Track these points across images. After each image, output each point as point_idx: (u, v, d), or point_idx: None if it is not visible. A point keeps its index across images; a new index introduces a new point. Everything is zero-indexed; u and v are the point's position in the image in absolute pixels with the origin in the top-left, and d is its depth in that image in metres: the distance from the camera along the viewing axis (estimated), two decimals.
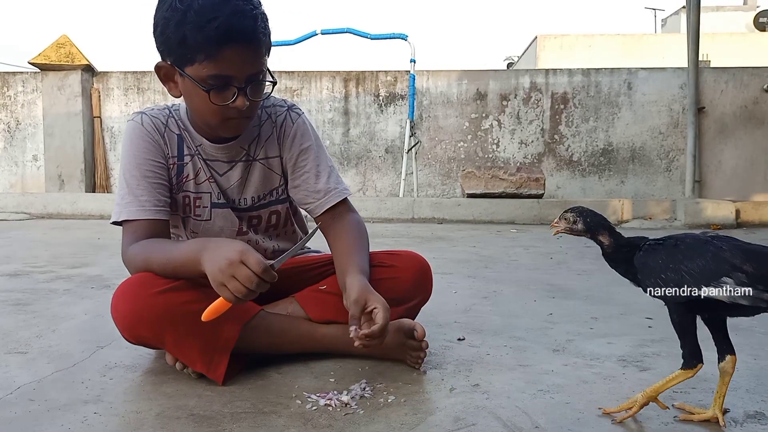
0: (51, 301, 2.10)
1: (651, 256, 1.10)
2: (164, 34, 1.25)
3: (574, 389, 1.29)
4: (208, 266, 1.16)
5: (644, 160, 6.95)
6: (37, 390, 1.23)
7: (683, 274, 1.05)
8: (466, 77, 7.09)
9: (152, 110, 1.43)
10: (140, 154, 1.37)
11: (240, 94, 1.26)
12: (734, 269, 1.02)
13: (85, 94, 7.17)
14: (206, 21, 1.18)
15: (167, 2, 1.23)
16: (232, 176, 1.46)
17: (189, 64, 1.24)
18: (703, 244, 1.07)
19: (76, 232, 4.61)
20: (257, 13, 1.24)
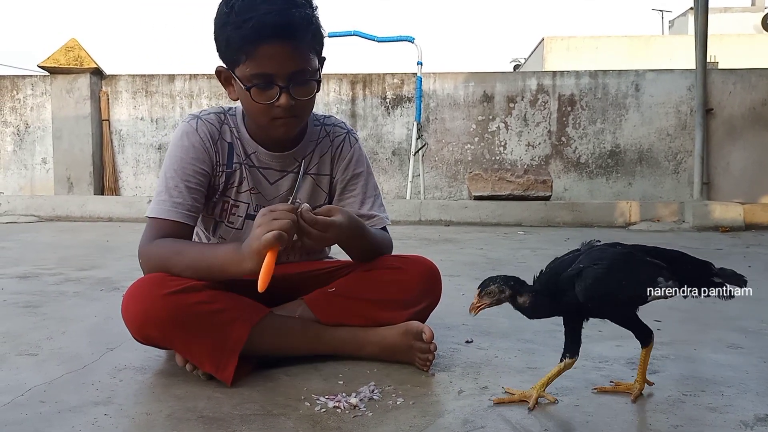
0: (61, 303, 2.11)
1: (601, 283, 1.16)
2: (216, 38, 1.30)
3: (583, 392, 1.29)
4: (247, 242, 1.20)
5: (652, 162, 6.93)
6: (47, 392, 1.24)
7: (635, 286, 1.18)
8: (473, 79, 7.09)
9: (208, 115, 1.44)
10: (186, 158, 1.39)
11: (283, 93, 1.28)
12: (660, 268, 1.18)
13: (94, 97, 7.21)
14: (243, 20, 1.22)
15: (219, 8, 1.28)
16: (282, 186, 1.48)
17: (236, 66, 1.28)
18: (630, 255, 1.20)
19: (85, 234, 4.63)
20: (296, 10, 1.26)
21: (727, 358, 1.53)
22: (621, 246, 1.24)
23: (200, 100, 7.36)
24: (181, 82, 7.38)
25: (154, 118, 7.38)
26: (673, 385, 1.34)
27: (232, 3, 1.25)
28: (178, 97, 7.38)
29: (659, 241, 4.30)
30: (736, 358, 1.53)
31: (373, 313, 1.45)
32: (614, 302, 1.20)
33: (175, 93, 7.38)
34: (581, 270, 1.17)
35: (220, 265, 1.27)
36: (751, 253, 3.67)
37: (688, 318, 1.98)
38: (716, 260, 4.01)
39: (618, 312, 1.24)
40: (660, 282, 1.18)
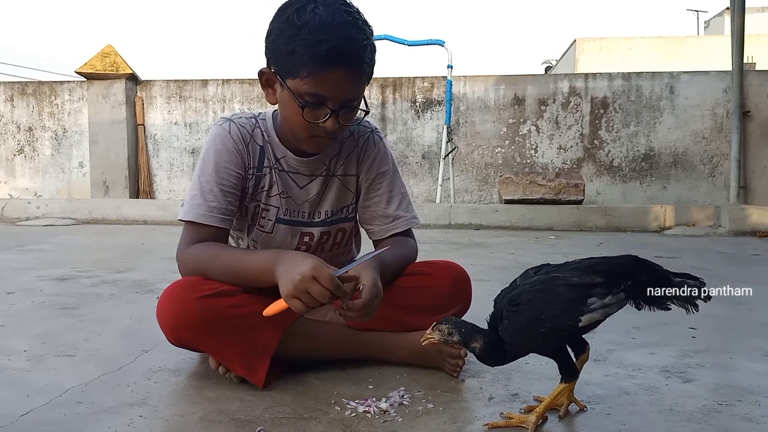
0: (97, 305, 2.16)
1: (517, 321, 1.10)
2: (275, 43, 1.29)
3: (615, 400, 1.27)
4: (282, 279, 1.19)
5: (687, 166, 6.79)
6: (84, 393, 1.27)
7: (557, 317, 1.07)
8: (503, 82, 7.04)
9: (240, 118, 1.46)
10: (220, 162, 1.40)
11: (332, 116, 1.29)
12: (591, 288, 1.07)
13: (129, 102, 7.36)
14: (317, 41, 1.21)
15: (286, 14, 1.27)
16: (311, 189, 1.49)
17: (291, 77, 1.27)
18: (551, 282, 1.09)
19: (120, 237, 4.73)
20: (367, 43, 1.28)
21: (764, 367, 1.49)
22: (550, 269, 1.14)
23: (233, 105, 7.45)
24: (213, 86, 7.48)
25: (188, 122, 7.50)
26: (708, 395, 1.31)
27: (305, 19, 1.23)
28: (210, 102, 7.49)
29: (694, 246, 4.22)
30: None
31: (403, 318, 1.45)
32: (538, 338, 1.09)
33: (208, 98, 7.49)
34: (501, 312, 1.13)
35: (254, 274, 1.28)
36: None
37: (724, 325, 1.94)
38: (751, 266, 3.92)
39: (548, 346, 1.13)
40: (592, 303, 1.06)
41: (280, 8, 1.30)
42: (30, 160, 7.57)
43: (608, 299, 1.07)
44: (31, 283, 2.56)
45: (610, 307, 1.08)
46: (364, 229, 1.61)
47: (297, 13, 1.24)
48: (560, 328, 1.08)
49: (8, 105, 7.56)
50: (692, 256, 3.71)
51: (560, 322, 1.07)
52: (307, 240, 1.52)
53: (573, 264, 1.13)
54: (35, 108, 7.53)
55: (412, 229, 1.60)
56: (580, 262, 1.13)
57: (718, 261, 3.54)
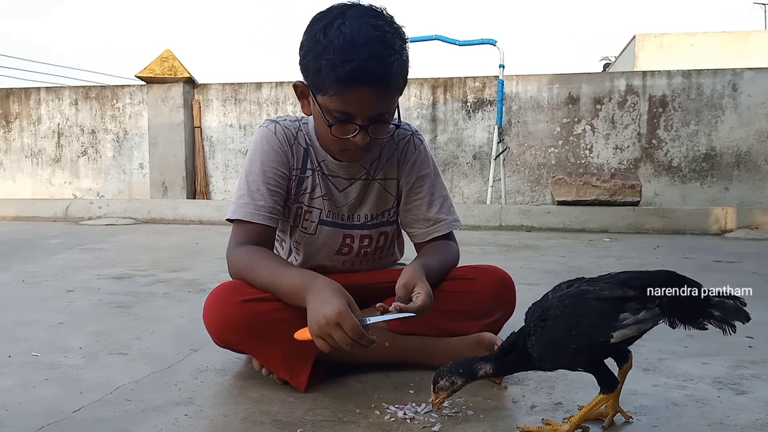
0: (151, 304, 2.24)
1: (547, 337, 1.07)
2: (305, 59, 1.29)
3: (663, 412, 1.23)
4: (310, 314, 1.20)
5: (750, 166, 6.50)
6: (134, 390, 1.32)
7: (588, 333, 1.04)
8: (557, 81, 6.91)
9: (285, 120, 1.49)
10: (267, 161, 1.43)
11: (361, 132, 1.30)
12: (623, 302, 1.03)
13: (187, 105, 7.58)
14: (341, 61, 1.21)
15: (314, 30, 1.27)
16: (350, 193, 1.50)
17: (320, 93, 1.28)
18: (580, 296, 1.06)
19: (177, 236, 4.87)
20: (394, 58, 1.25)
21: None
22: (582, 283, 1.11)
23: (285, 107, 7.58)
24: (267, 89, 7.63)
25: (242, 124, 7.66)
26: (762, 408, 1.25)
27: (331, 37, 1.22)
28: (264, 104, 7.63)
29: (756, 250, 4.04)
30: None
31: (445, 323, 1.45)
32: (569, 355, 1.07)
33: (262, 100, 7.63)
34: (529, 327, 1.11)
35: (285, 295, 1.30)
36: None
37: None
38: None
39: (580, 362, 1.10)
40: (625, 319, 1.02)
41: (311, 21, 1.30)
42: (93, 161, 7.90)
43: (642, 314, 1.03)
44: (90, 282, 2.67)
45: (644, 323, 1.04)
46: (405, 233, 1.61)
47: (324, 31, 1.24)
48: (591, 345, 1.05)
49: (73, 108, 7.90)
50: (753, 260, 3.55)
51: (591, 338, 1.04)
52: (349, 242, 1.53)
53: (606, 278, 1.09)
54: (98, 111, 7.85)
55: (453, 232, 1.59)
56: (614, 276, 1.09)
57: None
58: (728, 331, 1.05)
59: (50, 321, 1.95)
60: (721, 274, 3.05)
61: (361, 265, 1.58)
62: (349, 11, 1.25)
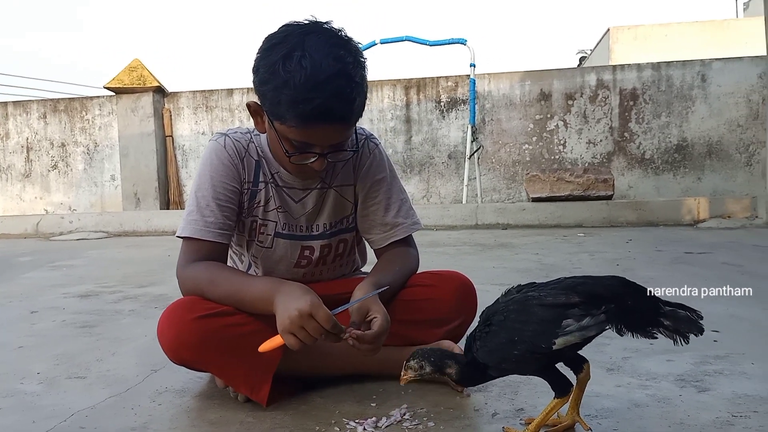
0: (116, 322, 2.20)
1: (490, 342, 1.07)
2: (261, 86, 1.25)
3: (624, 414, 1.23)
4: (280, 312, 1.19)
5: (722, 155, 6.60)
6: (89, 417, 1.28)
7: (530, 339, 1.03)
8: (528, 78, 6.94)
9: (235, 133, 1.45)
10: (216, 176, 1.40)
11: (320, 158, 1.29)
12: (567, 308, 1.01)
13: (157, 114, 7.50)
14: (303, 100, 1.17)
15: (271, 60, 1.21)
16: (307, 203, 1.48)
17: (278, 121, 1.25)
18: (525, 301, 1.05)
19: (150, 249, 4.81)
20: (356, 93, 1.23)
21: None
22: (531, 288, 1.10)
23: None
24: (239, 95, 7.57)
25: (215, 131, 7.55)
26: (723, 405, 1.25)
27: (291, 71, 1.17)
28: (236, 111, 7.58)
29: (729, 240, 4.08)
30: None
31: (408, 332, 1.43)
32: (512, 360, 1.06)
33: (234, 107, 7.58)
34: (475, 332, 1.10)
35: (251, 302, 1.28)
36: None
37: (751, 329, 1.86)
38: None
39: (525, 369, 1.09)
40: (568, 326, 1.00)
41: (267, 45, 1.24)
42: (63, 175, 7.78)
43: (586, 321, 1.01)
44: (56, 301, 2.62)
45: (588, 329, 1.01)
46: (364, 239, 1.60)
47: (283, 62, 1.19)
48: (534, 351, 1.03)
49: (41, 122, 7.78)
50: (725, 251, 3.59)
51: (533, 345, 1.03)
52: (308, 254, 1.51)
53: (554, 283, 1.08)
54: (67, 124, 7.74)
55: (413, 237, 1.57)
56: (561, 281, 1.08)
57: (752, 256, 3.42)
58: (680, 341, 1.03)
59: (11, 345, 1.90)
60: (693, 266, 3.07)
61: (321, 274, 1.56)
62: (308, 40, 1.20)
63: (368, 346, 1.23)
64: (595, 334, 1.04)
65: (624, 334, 1.04)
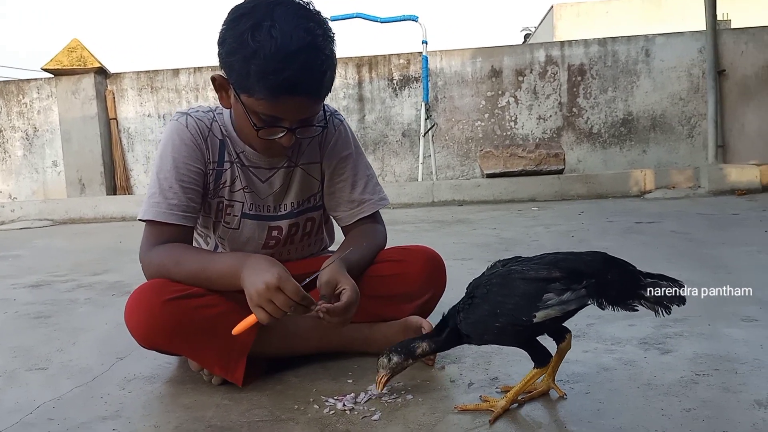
0: (72, 311, 2.12)
1: (473, 314, 1.09)
2: (228, 58, 1.21)
3: (594, 378, 1.27)
4: (248, 286, 1.17)
5: (665, 128, 6.81)
6: (56, 408, 1.24)
7: (512, 312, 1.04)
8: (479, 55, 6.99)
9: (197, 112, 1.41)
10: (179, 157, 1.35)
11: (288, 133, 1.26)
12: (548, 282, 1.03)
13: (100, 96, 7.23)
14: (273, 70, 1.15)
15: (239, 30, 1.18)
16: (274, 182, 1.45)
17: (245, 94, 1.22)
18: (507, 275, 1.07)
19: (99, 237, 4.67)
20: (327, 66, 1.21)
21: (741, 333, 1.49)
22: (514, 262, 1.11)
23: (206, 93, 7.35)
24: (185, 75, 7.37)
25: (161, 113, 7.39)
26: (686, 365, 1.31)
27: (260, 42, 1.14)
28: (183, 91, 7.38)
29: (675, 209, 4.24)
30: (751, 332, 1.49)
31: (378, 309, 1.44)
32: (494, 332, 1.08)
33: (181, 87, 7.38)
34: (458, 304, 1.12)
35: (218, 278, 1.26)
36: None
37: None
38: (730, 227, 3.92)
39: (506, 340, 1.12)
40: (548, 299, 1.02)
41: (234, 16, 1.20)
42: (2, 162, 7.45)
43: (566, 296, 1.02)
44: (5, 292, 2.52)
45: (568, 303, 1.03)
46: (331, 217, 1.58)
47: (252, 32, 1.15)
48: (515, 324, 1.05)
49: None
50: (673, 220, 3.72)
51: (515, 318, 1.05)
52: (276, 234, 1.49)
53: (537, 258, 1.10)
54: (3, 108, 7.38)
55: (380, 213, 1.56)
56: (544, 257, 1.10)
57: (698, 224, 3.56)
58: (661, 312, 1.05)
59: None
60: (643, 235, 3.18)
61: (289, 254, 1.54)
62: (277, 10, 1.17)
63: (338, 318, 1.23)
64: (576, 308, 1.06)
65: (605, 308, 1.06)
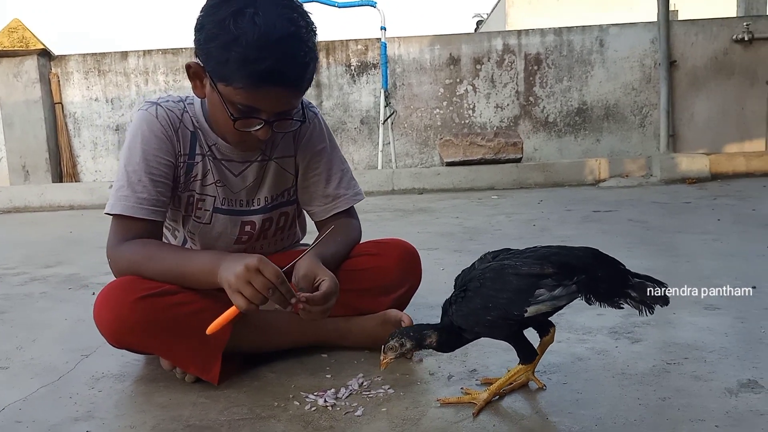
0: (28, 307, 2.04)
1: (466, 307, 1.10)
2: (207, 44, 1.17)
3: (570, 368, 1.29)
4: (224, 273, 1.14)
5: (618, 117, 6.97)
6: (23, 410, 1.19)
7: (504, 306, 1.05)
8: (438, 42, 6.99)
9: (167, 102, 1.35)
10: (149, 149, 1.30)
11: (265, 126, 1.22)
12: (540, 278, 1.04)
13: (44, 80, 6.94)
14: (255, 58, 1.11)
15: (220, 16, 1.14)
16: (247, 176, 1.41)
17: (223, 83, 1.17)
18: (501, 270, 1.08)
19: (47, 226, 4.50)
20: (309, 58, 1.18)
21: (705, 321, 1.54)
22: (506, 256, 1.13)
23: (156, 77, 7.13)
24: (134, 59, 7.13)
25: (109, 98, 7.14)
26: (657, 354, 1.34)
27: (243, 28, 1.11)
28: (132, 75, 7.14)
29: (630, 197, 4.35)
30: (715, 320, 1.54)
31: (355, 302, 1.42)
32: (485, 325, 1.09)
33: (130, 71, 7.14)
34: (452, 296, 1.13)
35: (193, 276, 1.22)
36: (719, 205, 3.73)
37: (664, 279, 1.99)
38: (684, 214, 4.04)
39: (497, 334, 1.13)
40: (540, 295, 1.04)
41: (213, 2, 1.17)
42: None
43: (558, 291, 1.04)
44: None
45: (559, 299, 1.05)
46: (305, 211, 1.56)
47: (233, 18, 1.12)
48: (506, 318, 1.06)
49: None
50: (629, 208, 3.82)
51: (506, 312, 1.06)
52: (248, 229, 1.45)
53: (529, 252, 1.11)
54: None
55: (354, 207, 1.55)
56: (536, 250, 1.11)
57: (654, 212, 3.66)
58: (645, 312, 1.08)
59: None
60: (602, 223, 3.25)
61: (262, 248, 1.51)
62: None
63: (319, 308, 1.20)
64: (566, 303, 1.08)
65: (593, 303, 1.08)
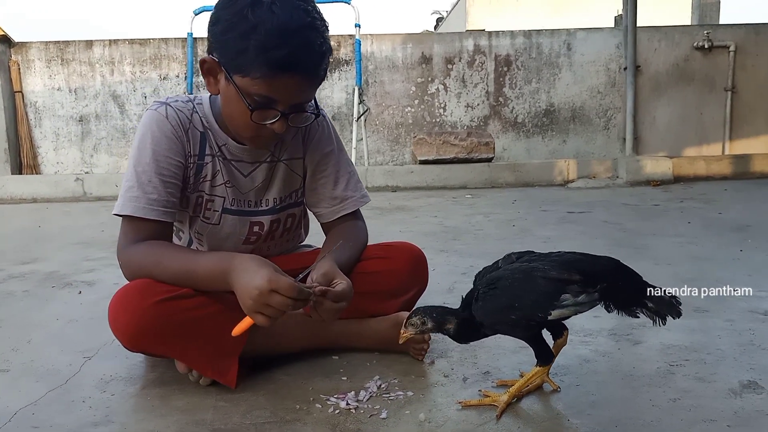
0: (12, 306, 1.97)
1: (491, 303, 1.13)
2: (224, 35, 1.17)
3: (579, 370, 1.32)
4: (240, 294, 1.12)
5: (584, 120, 7.13)
6: (36, 414, 1.16)
7: (529, 307, 1.09)
8: (410, 41, 7.01)
9: (176, 102, 1.33)
10: (159, 149, 1.28)
11: (281, 119, 1.21)
12: (567, 284, 1.08)
13: (3, 67, 6.68)
14: (274, 45, 1.12)
15: (238, 7, 1.14)
16: (256, 177, 1.40)
17: (239, 74, 1.17)
18: (530, 272, 1.11)
19: (13, 220, 4.35)
20: (325, 49, 1.19)
21: (697, 324, 1.59)
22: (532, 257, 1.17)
23: (122, 67, 6.95)
24: (100, 48, 6.93)
25: (73, 87, 6.93)
26: (659, 356, 1.39)
27: (262, 17, 1.12)
28: (97, 65, 6.94)
29: (600, 199, 4.46)
30: (705, 323, 1.60)
31: (365, 305, 1.42)
32: (508, 324, 1.13)
33: (94, 60, 6.94)
34: (478, 291, 1.16)
35: (204, 281, 1.21)
36: (687, 208, 3.86)
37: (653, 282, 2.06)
38: (656, 217, 4.15)
39: (517, 333, 1.16)
40: (565, 300, 1.08)
41: None
42: None
43: (582, 297, 1.08)
44: None
45: (582, 305, 1.10)
46: (312, 212, 1.56)
47: (252, 8, 1.13)
48: (530, 318, 1.10)
49: None
50: (601, 209, 3.92)
51: (530, 313, 1.09)
52: (257, 230, 1.45)
53: (555, 256, 1.15)
54: None
55: (360, 209, 1.55)
56: (562, 255, 1.15)
57: (626, 214, 3.76)
58: (659, 322, 1.13)
59: None
60: (579, 225, 3.32)
61: (269, 249, 1.51)
62: None
63: (331, 305, 1.18)
64: (587, 309, 1.12)
65: (611, 311, 1.13)
